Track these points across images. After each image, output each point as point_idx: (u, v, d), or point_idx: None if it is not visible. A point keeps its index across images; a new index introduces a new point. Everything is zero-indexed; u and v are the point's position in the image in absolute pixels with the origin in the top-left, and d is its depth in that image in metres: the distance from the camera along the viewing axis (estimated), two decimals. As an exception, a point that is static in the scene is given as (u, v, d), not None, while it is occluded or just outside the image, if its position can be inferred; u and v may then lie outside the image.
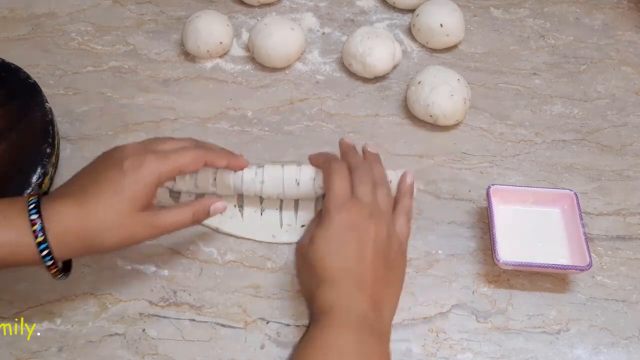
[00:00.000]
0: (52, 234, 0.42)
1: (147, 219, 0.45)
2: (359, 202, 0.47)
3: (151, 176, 0.45)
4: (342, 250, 0.45)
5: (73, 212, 0.43)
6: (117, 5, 0.76)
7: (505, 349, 0.51)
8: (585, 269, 0.51)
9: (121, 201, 0.43)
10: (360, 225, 0.46)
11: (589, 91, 0.70)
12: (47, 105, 0.60)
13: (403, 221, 0.50)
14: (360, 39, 0.67)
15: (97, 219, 0.43)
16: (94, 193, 0.43)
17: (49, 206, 0.43)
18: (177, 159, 0.47)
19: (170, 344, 0.50)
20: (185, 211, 0.47)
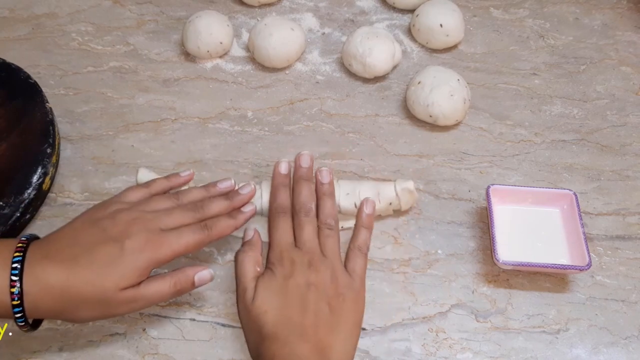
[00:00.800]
0: (30, 296, 0.41)
1: (128, 296, 0.43)
2: (300, 251, 0.47)
3: (149, 263, 0.43)
4: (283, 302, 0.44)
5: (57, 278, 0.41)
6: (117, 5, 0.77)
7: (504, 348, 0.51)
8: (585, 268, 0.51)
9: (110, 281, 0.42)
10: (301, 275, 0.45)
11: (589, 91, 0.70)
12: (47, 105, 0.61)
13: (357, 259, 0.49)
14: (360, 39, 0.67)
15: (79, 292, 0.41)
16: (85, 264, 0.42)
17: (33, 266, 0.41)
18: (179, 246, 0.45)
19: (171, 343, 0.50)
20: (165, 282, 0.45)
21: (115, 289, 0.42)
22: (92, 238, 0.43)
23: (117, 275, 0.42)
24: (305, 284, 0.45)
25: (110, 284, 0.42)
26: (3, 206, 0.54)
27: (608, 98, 0.70)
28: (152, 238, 0.44)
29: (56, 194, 0.59)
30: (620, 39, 0.76)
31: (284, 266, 0.46)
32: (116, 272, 0.42)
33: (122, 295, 0.42)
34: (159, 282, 0.45)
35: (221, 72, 0.70)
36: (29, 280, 0.41)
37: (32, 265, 0.41)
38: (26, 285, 0.41)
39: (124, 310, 0.44)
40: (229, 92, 0.68)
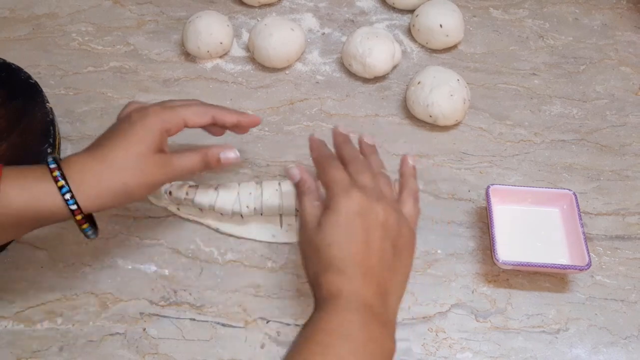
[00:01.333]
0: (73, 180, 0.43)
1: (159, 160, 0.47)
2: (364, 187, 0.46)
3: (158, 123, 0.47)
4: (350, 237, 0.44)
5: (90, 162, 0.45)
6: (117, 5, 0.77)
7: (504, 348, 0.51)
8: (585, 268, 0.51)
9: (130, 145, 0.46)
10: (369, 210, 0.45)
11: (588, 91, 0.70)
12: (47, 105, 0.61)
13: (411, 204, 0.49)
14: (360, 39, 0.67)
15: (114, 164, 0.45)
16: (108, 144, 0.46)
17: (66, 160, 0.45)
18: (182, 110, 0.49)
19: (171, 343, 0.50)
20: (195, 155, 0.49)
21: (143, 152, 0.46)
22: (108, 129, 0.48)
23: (135, 140, 0.46)
24: (373, 220, 0.45)
25: (134, 149, 0.46)
26: (3, 206, 0.54)
27: (607, 98, 0.70)
28: (155, 107, 0.48)
29: (56, 194, 0.59)
30: (619, 39, 0.76)
31: (348, 201, 0.45)
32: (132, 137, 0.46)
33: (152, 159, 0.46)
34: (189, 153, 0.49)
35: (221, 72, 0.70)
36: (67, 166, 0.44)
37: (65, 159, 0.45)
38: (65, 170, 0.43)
39: (159, 175, 0.47)
40: (229, 92, 0.68)
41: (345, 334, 0.41)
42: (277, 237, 0.56)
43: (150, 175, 0.47)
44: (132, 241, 0.55)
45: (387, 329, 0.44)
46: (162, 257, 0.55)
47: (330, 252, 0.44)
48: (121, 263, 0.54)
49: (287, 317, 0.52)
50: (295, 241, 0.56)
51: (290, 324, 0.51)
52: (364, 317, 0.42)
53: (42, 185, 0.42)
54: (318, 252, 0.44)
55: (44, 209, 0.43)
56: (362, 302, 0.43)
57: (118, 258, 0.54)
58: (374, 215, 0.45)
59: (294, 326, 0.51)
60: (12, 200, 0.42)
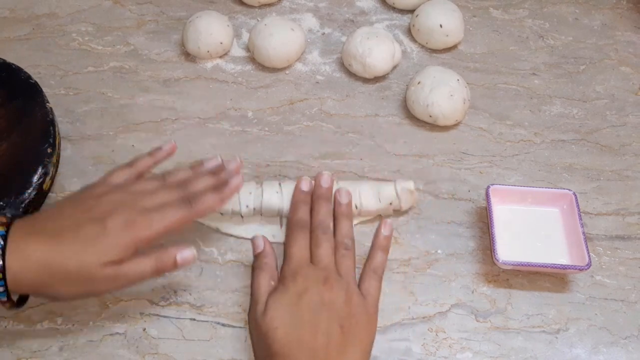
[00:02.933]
0: (13, 271, 0.40)
1: (109, 273, 0.43)
2: (315, 268, 0.47)
3: (132, 241, 0.43)
4: (295, 320, 0.44)
5: (40, 253, 0.41)
6: (117, 5, 0.77)
7: (504, 348, 0.51)
8: (585, 268, 0.51)
9: (91, 258, 0.42)
10: (314, 292, 0.45)
11: (588, 91, 0.70)
12: (48, 105, 0.61)
13: (371, 281, 0.49)
14: (360, 39, 0.67)
15: (61, 266, 0.41)
16: (68, 242, 0.42)
17: (17, 241, 0.41)
18: (162, 224, 0.44)
19: (171, 343, 0.50)
20: (146, 261, 0.44)
21: (97, 264, 0.42)
22: (76, 216, 0.44)
23: (99, 251, 0.42)
24: (319, 303, 0.45)
25: (92, 259, 0.42)
26: (3, 206, 0.54)
27: (608, 98, 0.70)
28: (134, 217, 0.44)
29: (56, 194, 0.59)
30: (619, 39, 0.76)
31: (297, 282, 0.46)
32: (98, 248, 0.42)
33: (103, 271, 0.42)
34: (141, 261, 0.44)
35: (221, 72, 0.70)
36: (12, 255, 0.40)
37: (15, 240, 0.41)
38: (9, 259, 0.40)
39: (105, 287, 0.44)
40: (229, 92, 0.68)
41: None
42: (277, 237, 0.56)
43: (93, 289, 0.44)
44: (132, 241, 0.55)
45: None
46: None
47: (275, 335, 0.43)
48: (121, 263, 0.54)
49: (287, 317, 0.52)
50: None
51: (290, 324, 0.51)
52: None
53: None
54: (264, 337, 0.44)
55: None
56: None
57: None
58: (319, 297, 0.45)
59: (294, 326, 0.51)
60: None
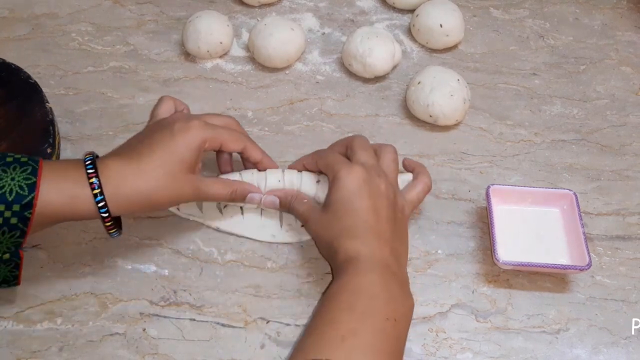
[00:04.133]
0: (108, 188, 0.44)
1: (194, 182, 0.48)
2: (363, 164, 0.50)
3: (198, 140, 0.48)
4: (359, 206, 0.47)
5: (127, 169, 0.46)
6: (117, 5, 0.77)
7: (504, 348, 0.51)
8: (585, 268, 0.51)
9: (172, 161, 0.47)
10: (371, 182, 0.48)
11: (589, 91, 0.70)
12: (47, 105, 0.61)
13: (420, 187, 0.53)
14: (360, 39, 0.67)
15: (150, 176, 0.46)
16: (147, 152, 0.47)
17: (104, 163, 0.45)
18: (222, 132, 0.50)
19: (171, 343, 0.50)
20: (226, 187, 0.51)
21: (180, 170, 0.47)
22: (148, 133, 0.49)
23: (174, 156, 0.47)
24: (378, 192, 0.48)
25: (173, 166, 0.47)
26: (3, 206, 0.54)
27: (608, 98, 0.70)
28: (199, 122, 0.49)
29: (56, 194, 0.59)
30: (620, 39, 0.76)
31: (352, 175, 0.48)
32: (172, 152, 0.47)
33: (187, 179, 0.48)
34: (219, 184, 0.51)
35: (221, 72, 0.70)
36: (104, 172, 0.45)
37: (103, 163, 0.45)
38: (102, 176, 0.44)
39: (189, 195, 0.49)
40: (229, 92, 0.68)
41: (369, 292, 0.44)
42: (277, 237, 0.56)
43: (180, 194, 0.48)
44: (131, 241, 0.55)
45: (405, 287, 0.47)
46: (162, 257, 0.55)
47: (343, 222, 0.47)
48: (121, 263, 0.54)
49: (287, 317, 0.52)
50: (294, 241, 0.56)
51: (290, 324, 0.51)
52: (384, 276, 0.45)
53: (79, 190, 0.44)
54: (330, 226, 0.48)
55: (78, 211, 0.44)
56: (381, 263, 0.45)
57: (118, 258, 0.54)
58: (376, 187, 0.48)
59: (294, 326, 0.51)
60: (50, 200, 0.43)
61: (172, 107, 0.54)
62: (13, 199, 0.42)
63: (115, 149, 0.49)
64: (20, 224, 0.42)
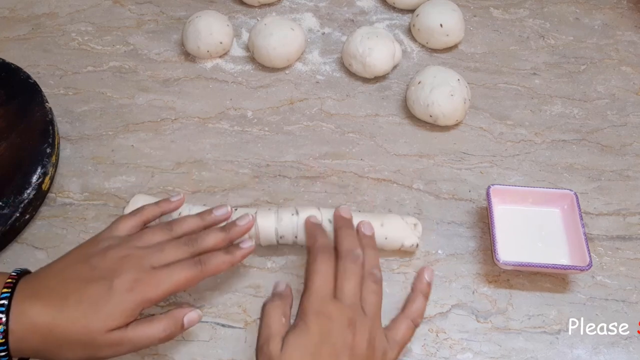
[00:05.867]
0: (15, 334, 0.40)
1: (114, 338, 0.41)
2: (340, 305, 0.43)
3: (138, 303, 0.42)
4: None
5: (44, 318, 0.40)
6: (117, 5, 0.77)
7: (505, 348, 0.51)
8: (585, 269, 0.51)
9: (96, 321, 0.40)
10: (337, 335, 0.42)
11: (589, 91, 0.70)
12: (47, 105, 0.60)
13: (405, 327, 0.45)
14: (360, 39, 0.67)
15: (64, 332, 0.40)
16: (72, 304, 0.41)
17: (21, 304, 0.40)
18: (167, 288, 0.43)
19: (171, 343, 0.50)
20: (154, 327, 0.43)
21: (102, 330, 0.40)
22: (81, 276, 0.42)
23: (104, 316, 0.41)
24: (341, 346, 0.41)
25: (97, 325, 0.40)
26: (2, 206, 0.54)
27: (608, 98, 0.70)
28: (142, 277, 0.42)
29: (56, 194, 0.59)
30: (620, 39, 0.76)
31: (320, 321, 0.42)
32: (103, 312, 0.41)
33: (108, 337, 0.41)
34: (148, 326, 0.42)
35: (221, 72, 0.70)
36: (15, 318, 0.40)
37: (19, 303, 0.40)
38: (12, 323, 0.40)
39: (108, 353, 0.41)
40: (229, 92, 0.68)
41: None
42: None
43: (98, 354, 0.41)
44: (131, 241, 0.55)
45: None
46: (162, 258, 0.54)
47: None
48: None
49: (287, 317, 0.52)
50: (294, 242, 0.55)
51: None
52: None
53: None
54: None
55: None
56: None
57: None
58: (342, 341, 0.41)
59: (294, 326, 0.51)
60: None
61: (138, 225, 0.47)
62: None
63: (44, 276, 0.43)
64: None
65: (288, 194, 0.59)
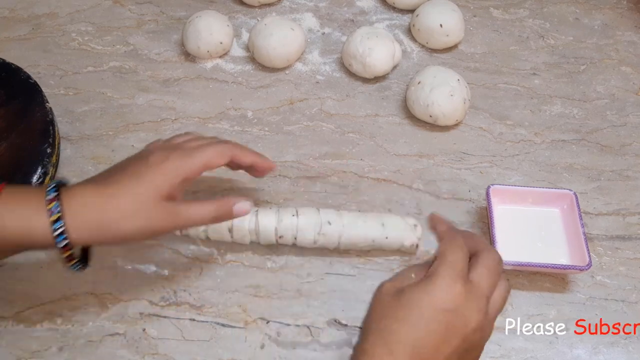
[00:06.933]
0: (69, 215, 0.41)
1: (167, 208, 0.44)
2: (476, 289, 0.40)
3: (176, 170, 0.44)
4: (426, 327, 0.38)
5: (92, 196, 0.42)
6: (117, 5, 0.77)
7: (504, 348, 0.51)
8: (585, 268, 0.51)
9: (142, 188, 0.43)
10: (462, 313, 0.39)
11: (589, 91, 0.70)
12: (47, 105, 0.61)
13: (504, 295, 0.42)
14: (360, 39, 0.67)
15: (115, 204, 0.42)
16: (116, 180, 0.43)
17: (69, 190, 0.42)
18: (202, 155, 0.46)
19: (171, 343, 0.50)
20: (207, 206, 0.46)
21: (151, 197, 0.43)
22: (123, 163, 0.46)
23: (146, 184, 0.43)
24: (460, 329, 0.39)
25: (143, 193, 0.43)
26: (3, 206, 0.54)
27: (608, 98, 0.70)
28: (175, 151, 0.46)
29: (56, 194, 0.59)
30: (620, 39, 0.76)
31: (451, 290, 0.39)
32: (145, 179, 0.43)
33: (160, 206, 0.43)
34: (200, 205, 0.45)
35: (221, 72, 0.70)
36: (66, 198, 0.41)
37: (67, 189, 0.42)
38: (64, 202, 0.41)
39: (164, 224, 0.44)
40: (229, 92, 0.68)
41: None
42: None
43: (154, 224, 0.43)
44: (132, 241, 0.55)
45: None
46: (162, 257, 0.55)
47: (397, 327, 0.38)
48: (121, 263, 0.54)
49: (287, 317, 0.52)
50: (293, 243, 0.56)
51: (290, 324, 0.51)
52: None
53: (36, 216, 0.40)
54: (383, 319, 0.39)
55: (34, 238, 0.41)
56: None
57: (118, 258, 0.54)
58: (464, 322, 0.39)
59: (294, 326, 0.51)
60: (6, 226, 0.40)
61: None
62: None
63: (88, 178, 0.45)
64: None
65: (288, 194, 0.59)
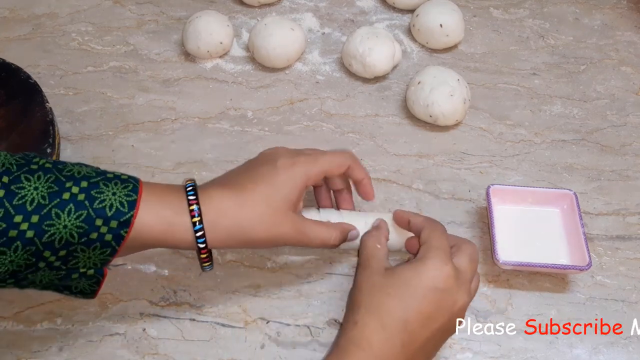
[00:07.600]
0: (207, 217, 0.42)
1: (296, 222, 0.45)
2: (461, 274, 0.44)
3: (302, 176, 0.45)
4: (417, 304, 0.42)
5: (228, 200, 0.43)
6: (117, 5, 0.77)
7: (504, 348, 0.51)
8: (585, 268, 0.51)
9: (275, 197, 0.44)
10: (451, 293, 0.42)
11: (589, 91, 0.70)
12: (47, 105, 0.61)
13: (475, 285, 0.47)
14: (360, 39, 0.67)
15: (251, 210, 0.43)
16: (250, 185, 0.44)
17: (206, 192, 0.43)
18: (325, 160, 0.47)
19: (171, 343, 0.50)
20: (330, 231, 0.47)
21: (282, 207, 0.44)
22: (249, 166, 0.47)
23: (278, 192, 0.44)
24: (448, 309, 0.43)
25: (276, 202, 0.44)
26: (3, 206, 0.54)
27: (608, 98, 0.70)
28: (300, 156, 0.47)
29: (56, 194, 0.59)
30: (620, 39, 0.76)
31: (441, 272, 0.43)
32: (276, 188, 0.44)
33: (289, 218, 0.44)
34: (325, 228, 0.47)
35: (221, 72, 0.70)
36: (204, 200, 0.42)
37: (204, 191, 0.43)
38: (202, 204, 0.42)
39: (290, 237, 0.45)
40: (229, 92, 0.68)
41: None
42: None
43: (280, 233, 0.45)
44: (132, 241, 0.55)
45: None
46: (162, 257, 0.55)
47: (388, 302, 0.42)
48: (121, 263, 0.54)
49: (287, 317, 0.52)
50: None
51: (290, 324, 0.51)
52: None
53: (177, 216, 0.42)
54: (375, 295, 0.42)
55: (174, 238, 0.42)
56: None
57: (118, 258, 0.54)
58: (452, 301, 0.43)
59: (294, 326, 0.51)
60: (147, 222, 0.41)
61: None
62: (112, 214, 0.39)
63: (216, 179, 0.47)
64: (114, 241, 0.40)
65: (288, 194, 0.59)
